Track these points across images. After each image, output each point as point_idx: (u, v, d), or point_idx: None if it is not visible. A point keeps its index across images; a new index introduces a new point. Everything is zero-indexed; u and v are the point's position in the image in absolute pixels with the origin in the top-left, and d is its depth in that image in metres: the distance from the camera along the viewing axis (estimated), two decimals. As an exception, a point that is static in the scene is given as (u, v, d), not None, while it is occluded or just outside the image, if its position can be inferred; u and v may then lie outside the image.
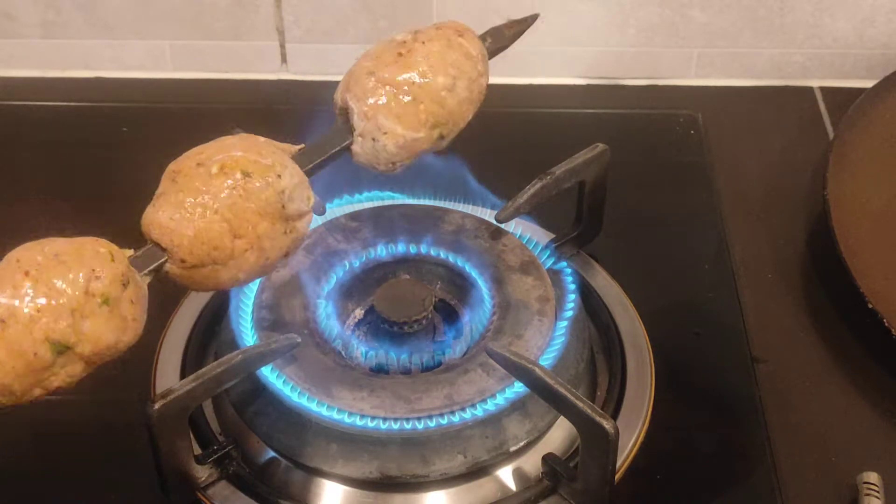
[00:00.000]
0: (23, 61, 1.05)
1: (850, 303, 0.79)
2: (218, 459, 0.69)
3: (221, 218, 0.60)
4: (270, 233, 0.62)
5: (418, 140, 0.67)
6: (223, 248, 0.60)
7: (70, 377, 0.56)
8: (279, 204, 0.62)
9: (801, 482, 0.71)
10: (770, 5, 1.01)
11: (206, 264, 0.61)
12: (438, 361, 0.72)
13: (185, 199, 0.61)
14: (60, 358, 0.55)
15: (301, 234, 0.64)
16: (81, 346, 0.56)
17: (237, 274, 0.62)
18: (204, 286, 0.62)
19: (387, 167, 0.68)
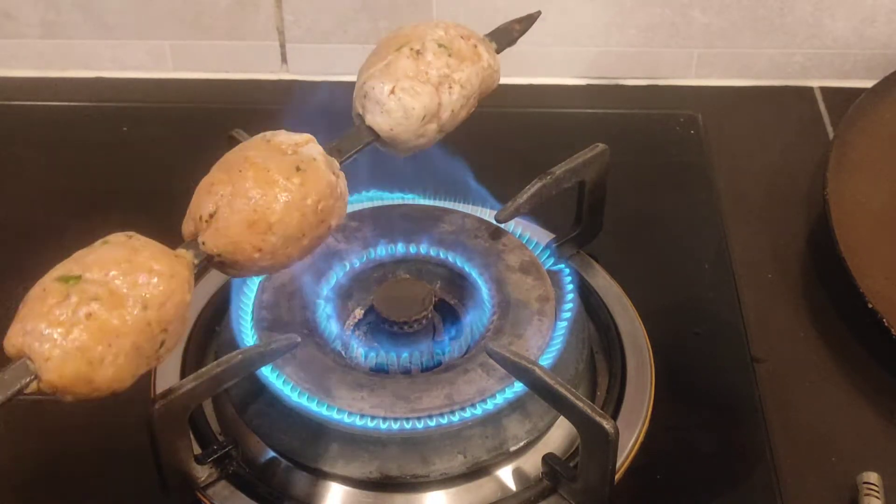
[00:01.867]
0: (23, 61, 1.05)
1: (850, 303, 0.79)
2: (218, 459, 0.69)
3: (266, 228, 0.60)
4: (310, 233, 0.62)
5: (433, 96, 0.67)
6: (266, 250, 0.60)
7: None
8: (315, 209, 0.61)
9: (801, 482, 0.71)
10: (770, 5, 1.01)
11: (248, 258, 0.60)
12: (438, 361, 0.72)
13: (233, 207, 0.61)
14: None
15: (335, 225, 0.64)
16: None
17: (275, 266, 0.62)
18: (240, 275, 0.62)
19: (417, 137, 0.67)
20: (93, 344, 0.53)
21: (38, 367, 0.53)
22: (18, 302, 0.83)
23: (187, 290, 0.57)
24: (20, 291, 0.84)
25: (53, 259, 0.86)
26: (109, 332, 0.54)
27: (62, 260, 0.87)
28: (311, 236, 0.61)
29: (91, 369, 0.53)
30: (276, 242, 0.60)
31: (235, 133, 0.79)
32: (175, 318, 0.56)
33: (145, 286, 0.55)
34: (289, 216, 0.59)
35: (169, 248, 0.59)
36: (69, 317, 0.53)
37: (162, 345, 0.56)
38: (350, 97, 0.70)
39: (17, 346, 0.53)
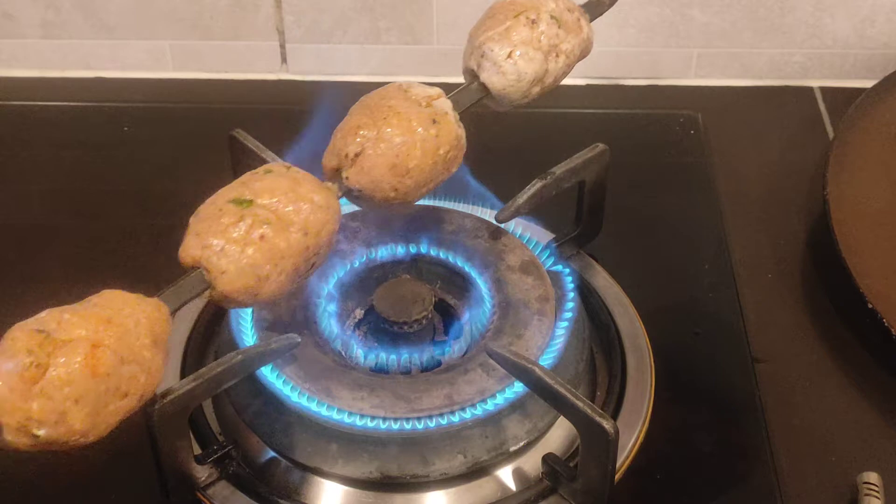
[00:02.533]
0: (23, 61, 1.05)
1: (850, 303, 0.79)
2: (218, 459, 0.69)
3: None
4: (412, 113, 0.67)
5: (543, 63, 0.72)
6: (365, 125, 0.66)
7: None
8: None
9: (801, 482, 0.71)
10: (770, 5, 1.01)
11: (363, 148, 0.65)
12: (438, 361, 0.72)
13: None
14: None
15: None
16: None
17: (392, 140, 0.66)
18: (382, 181, 0.66)
19: (523, 97, 0.72)
20: (262, 263, 0.60)
21: (212, 278, 0.60)
22: (19, 301, 0.83)
23: (337, 221, 0.64)
24: (20, 291, 0.85)
25: (53, 259, 0.87)
26: (276, 252, 0.60)
27: (62, 260, 0.87)
28: (436, 181, 0.68)
29: (258, 284, 0.60)
30: (410, 185, 0.66)
31: (235, 133, 0.79)
32: (325, 244, 0.63)
33: (307, 214, 0.62)
34: (424, 163, 0.66)
35: (320, 180, 0.65)
36: (243, 236, 0.60)
37: (312, 265, 0.63)
38: (350, 97, 0.70)
39: (194, 258, 0.60)
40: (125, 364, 0.54)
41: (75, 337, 0.53)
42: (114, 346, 0.53)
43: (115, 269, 0.84)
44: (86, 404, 0.52)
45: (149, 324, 0.56)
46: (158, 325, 0.56)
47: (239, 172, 0.79)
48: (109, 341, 0.53)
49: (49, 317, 0.53)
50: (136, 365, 0.55)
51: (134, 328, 0.55)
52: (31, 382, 0.51)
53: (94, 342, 0.53)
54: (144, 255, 0.85)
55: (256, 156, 0.77)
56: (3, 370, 0.51)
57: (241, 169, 0.79)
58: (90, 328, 0.53)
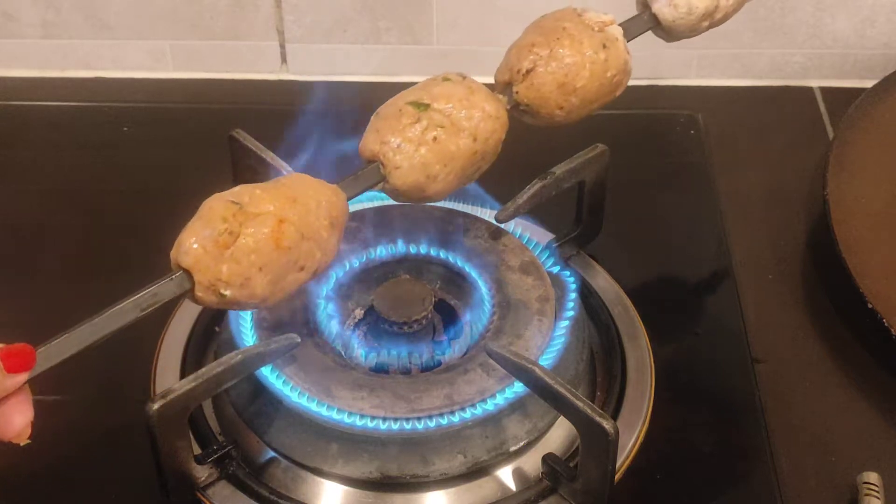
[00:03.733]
0: (23, 61, 1.05)
1: (850, 303, 0.79)
2: (218, 459, 0.69)
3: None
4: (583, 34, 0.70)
5: None
6: (539, 43, 0.68)
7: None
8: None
9: (801, 482, 0.71)
10: (770, 5, 1.01)
11: (535, 64, 0.68)
12: (438, 361, 0.72)
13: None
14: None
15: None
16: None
17: (565, 60, 0.68)
18: (550, 96, 0.68)
19: (691, 31, 0.74)
20: (433, 163, 0.64)
21: (387, 172, 0.63)
22: (19, 301, 0.83)
23: (503, 130, 0.67)
24: (20, 291, 0.85)
25: (53, 259, 0.87)
26: (446, 154, 0.64)
27: (62, 259, 0.87)
28: (601, 102, 0.71)
29: (427, 182, 0.64)
30: (576, 103, 0.69)
31: (235, 133, 0.79)
32: (492, 151, 0.67)
33: (478, 121, 0.65)
34: (591, 84, 0.69)
35: (491, 91, 0.67)
36: (418, 136, 0.63)
37: (478, 170, 0.67)
38: (350, 97, 0.70)
39: (373, 152, 0.64)
40: (305, 240, 0.59)
41: (264, 211, 0.58)
42: (297, 223, 0.58)
43: (115, 269, 0.84)
44: (268, 272, 0.57)
45: (328, 206, 0.60)
46: (336, 209, 0.61)
47: (239, 172, 0.80)
48: (293, 218, 0.58)
49: (242, 191, 0.59)
50: (314, 242, 0.59)
51: (315, 209, 0.59)
52: (224, 247, 0.56)
53: (280, 217, 0.58)
54: (144, 254, 0.84)
55: (256, 156, 0.77)
56: (201, 234, 0.57)
57: (241, 169, 0.80)
58: (278, 204, 0.58)
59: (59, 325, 0.83)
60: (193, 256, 0.56)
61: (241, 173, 0.80)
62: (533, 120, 0.70)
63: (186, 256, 0.56)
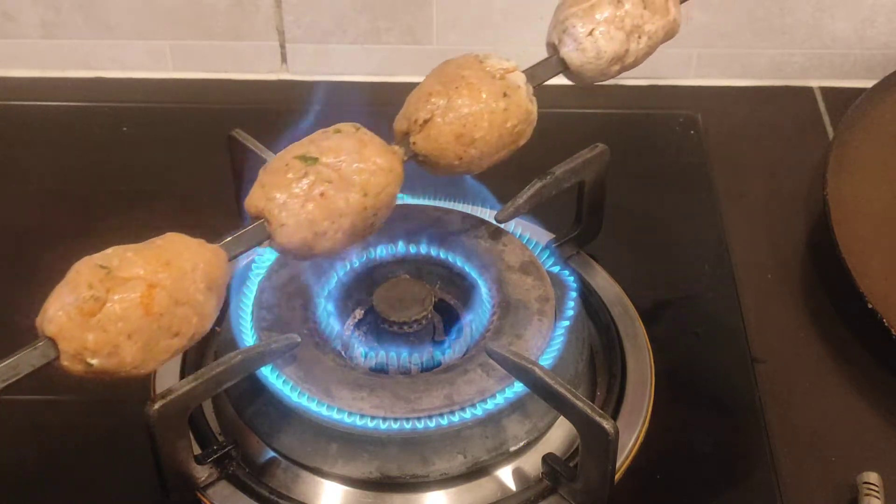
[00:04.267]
0: (23, 61, 1.05)
1: (850, 303, 0.79)
2: (218, 459, 0.69)
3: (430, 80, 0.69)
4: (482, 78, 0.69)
5: (624, 43, 0.73)
6: (436, 92, 0.68)
7: None
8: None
9: (801, 482, 0.71)
10: (770, 5, 1.01)
11: (432, 115, 0.67)
12: (438, 361, 0.72)
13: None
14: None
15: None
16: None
17: (461, 111, 0.67)
18: (449, 145, 0.67)
19: (601, 75, 0.73)
20: (321, 220, 0.62)
21: (273, 229, 0.62)
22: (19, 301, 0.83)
23: (398, 185, 0.66)
24: (20, 291, 0.85)
25: (53, 259, 0.87)
26: (335, 210, 0.63)
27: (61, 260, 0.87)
28: (502, 154, 0.69)
29: (314, 240, 0.63)
30: (475, 154, 0.68)
31: (235, 133, 0.79)
32: (385, 205, 0.65)
33: (369, 176, 0.64)
34: (490, 135, 0.67)
35: (386, 143, 0.66)
36: (305, 192, 0.62)
37: (371, 225, 0.65)
38: (350, 97, 0.70)
39: (258, 208, 0.62)
40: (179, 305, 0.57)
41: (134, 276, 0.56)
42: (169, 288, 0.57)
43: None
44: (138, 340, 0.56)
45: (206, 268, 0.58)
46: (215, 271, 0.59)
47: (239, 172, 0.80)
48: (166, 282, 0.57)
49: (113, 253, 0.57)
50: (190, 307, 0.58)
51: (191, 271, 0.58)
52: (89, 315, 0.55)
53: (150, 282, 0.56)
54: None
55: (256, 156, 0.77)
56: (66, 301, 0.55)
57: (242, 169, 0.80)
58: (149, 269, 0.56)
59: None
60: (57, 324, 0.55)
61: (241, 173, 0.80)
62: (432, 171, 0.68)
63: (50, 324, 0.55)
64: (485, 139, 0.67)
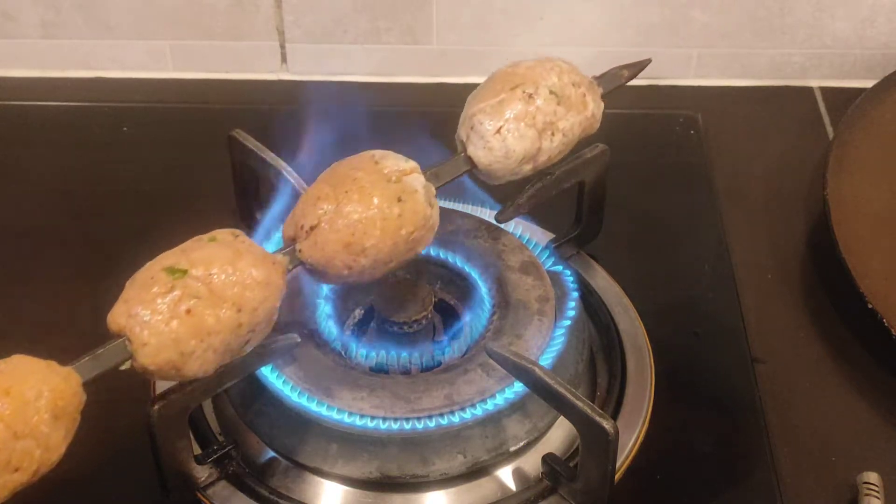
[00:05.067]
0: (23, 61, 1.05)
1: (850, 303, 0.79)
2: (218, 459, 0.69)
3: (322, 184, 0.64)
4: (374, 182, 0.64)
5: (535, 141, 0.69)
6: (325, 196, 0.63)
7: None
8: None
9: (801, 482, 0.71)
10: (770, 5, 1.01)
11: (319, 221, 0.63)
12: (438, 361, 0.72)
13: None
14: None
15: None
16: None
17: (351, 217, 0.63)
18: (335, 254, 0.63)
19: (512, 174, 0.70)
20: (187, 338, 0.57)
21: (134, 349, 0.57)
22: (19, 301, 0.83)
23: (278, 298, 0.61)
24: (20, 291, 0.85)
25: (53, 259, 0.87)
26: (204, 328, 0.57)
27: (61, 260, 0.87)
28: (399, 261, 0.65)
29: (182, 360, 0.57)
30: (366, 264, 0.63)
31: (235, 133, 0.79)
32: (263, 322, 0.60)
33: (243, 290, 0.59)
34: (382, 243, 0.63)
35: (266, 253, 0.62)
36: (170, 308, 0.57)
37: (247, 343, 0.60)
38: (350, 97, 0.70)
39: (119, 325, 0.57)
40: (19, 439, 0.52)
41: None
42: (7, 419, 0.52)
43: (114, 270, 0.84)
44: None
45: (52, 397, 0.53)
46: (63, 398, 0.54)
47: (239, 172, 0.80)
48: (4, 413, 0.52)
49: None
50: (32, 439, 0.53)
51: (34, 400, 0.53)
52: None
53: None
54: (144, 255, 0.84)
55: (256, 156, 0.77)
56: None
57: (241, 169, 0.80)
58: None
59: (59, 325, 0.83)
60: None
61: (241, 174, 0.80)
62: (320, 279, 0.64)
63: None
64: (377, 247, 0.62)
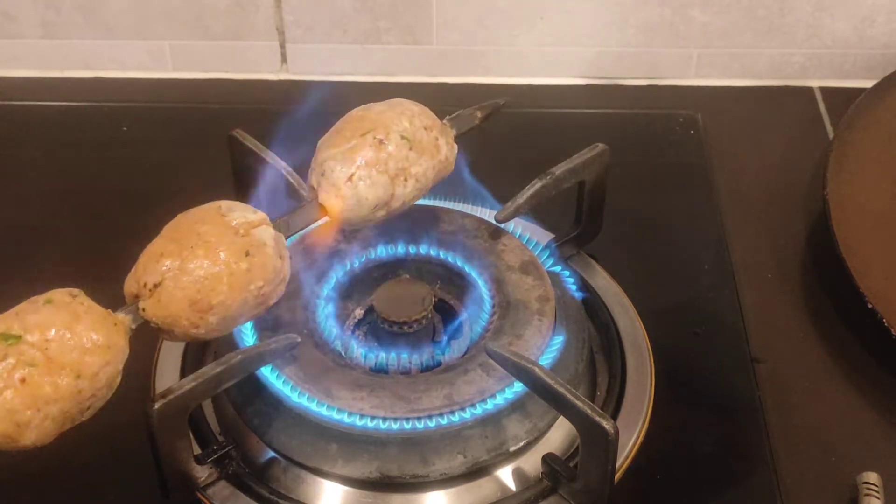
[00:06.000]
0: (23, 61, 1.05)
1: (850, 303, 0.79)
2: (218, 459, 0.69)
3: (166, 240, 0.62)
4: (222, 238, 0.62)
5: (388, 187, 0.68)
6: (168, 252, 0.61)
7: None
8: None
9: (801, 482, 0.71)
10: (770, 5, 1.01)
11: (163, 277, 0.61)
12: (438, 361, 0.72)
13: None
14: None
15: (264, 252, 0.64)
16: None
17: (198, 273, 0.61)
18: (181, 315, 0.61)
19: (365, 221, 0.69)
20: (22, 409, 0.55)
21: None
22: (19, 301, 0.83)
23: (120, 361, 0.59)
24: (20, 291, 0.85)
25: (53, 259, 0.87)
26: (40, 397, 0.55)
27: (62, 260, 0.87)
28: (249, 315, 0.64)
29: (17, 431, 0.55)
30: (213, 321, 0.61)
31: (235, 133, 0.79)
32: (105, 386, 0.58)
33: (82, 355, 0.56)
34: (230, 299, 0.61)
35: (110, 311, 0.60)
36: (4, 378, 0.55)
37: (88, 408, 0.58)
38: (350, 97, 0.70)
39: None
40: None
41: None
42: None
43: (114, 269, 0.84)
44: None
45: None
46: None
47: (239, 172, 0.80)
48: None
49: None
50: None
51: None
52: None
53: None
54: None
55: (256, 156, 0.77)
56: None
57: (241, 169, 0.80)
58: None
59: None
60: None
61: (241, 174, 0.80)
62: (168, 337, 0.62)
63: None
64: (224, 304, 0.61)
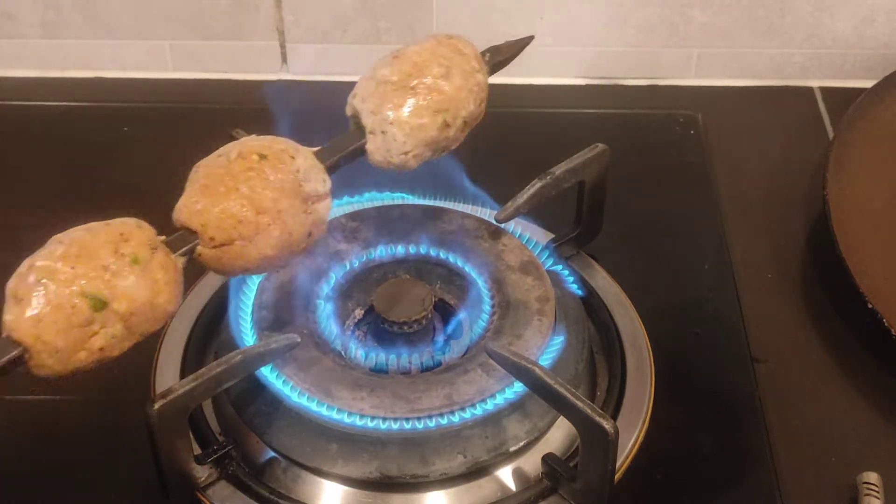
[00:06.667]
0: (23, 61, 1.05)
1: (850, 303, 0.79)
2: (218, 459, 0.69)
3: (242, 195, 0.63)
4: (291, 209, 0.64)
5: (424, 125, 0.69)
6: (247, 222, 0.63)
7: (112, 338, 0.59)
8: (296, 183, 0.65)
9: (801, 482, 0.71)
10: (770, 5, 1.01)
11: (233, 240, 0.63)
12: (438, 361, 0.72)
13: (207, 184, 0.64)
14: (99, 314, 0.58)
15: (321, 216, 0.67)
16: (117, 303, 0.58)
17: (265, 250, 0.64)
18: (235, 267, 0.64)
19: (401, 159, 0.69)
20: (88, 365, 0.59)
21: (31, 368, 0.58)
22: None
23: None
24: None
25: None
26: (107, 359, 0.60)
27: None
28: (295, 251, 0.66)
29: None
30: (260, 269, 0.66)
31: (235, 133, 0.79)
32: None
33: (154, 324, 0.61)
34: (283, 261, 0.66)
35: (179, 265, 0.63)
36: (84, 344, 0.58)
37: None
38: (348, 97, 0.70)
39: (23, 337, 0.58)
40: None
41: None
42: None
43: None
44: None
45: None
46: None
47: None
48: None
49: None
50: None
51: None
52: None
53: None
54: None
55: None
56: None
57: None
58: None
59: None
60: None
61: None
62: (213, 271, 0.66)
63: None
64: (274, 263, 0.66)
